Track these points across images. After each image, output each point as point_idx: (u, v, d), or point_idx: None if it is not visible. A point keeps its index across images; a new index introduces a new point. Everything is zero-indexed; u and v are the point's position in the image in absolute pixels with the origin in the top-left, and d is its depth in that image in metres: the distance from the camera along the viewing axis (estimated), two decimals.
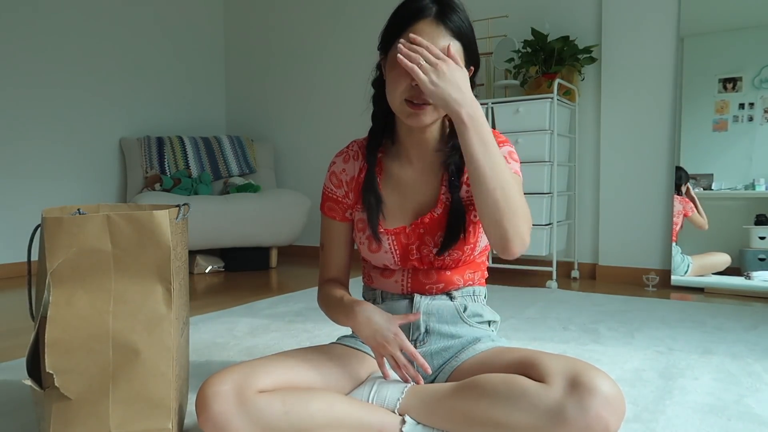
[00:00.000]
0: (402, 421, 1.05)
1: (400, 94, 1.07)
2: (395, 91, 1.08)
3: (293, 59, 4.27)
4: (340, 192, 1.22)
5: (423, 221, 1.16)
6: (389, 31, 1.11)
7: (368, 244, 1.19)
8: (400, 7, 1.09)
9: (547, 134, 2.83)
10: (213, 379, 0.98)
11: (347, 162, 1.23)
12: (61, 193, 3.52)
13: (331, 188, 1.23)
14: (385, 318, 1.08)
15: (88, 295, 0.95)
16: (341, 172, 1.23)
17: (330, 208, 1.24)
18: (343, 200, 1.22)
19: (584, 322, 2.11)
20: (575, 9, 3.13)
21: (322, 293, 1.24)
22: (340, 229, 1.24)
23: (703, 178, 2.81)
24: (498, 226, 1.00)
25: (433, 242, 1.16)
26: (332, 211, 1.24)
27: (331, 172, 1.24)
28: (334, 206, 1.23)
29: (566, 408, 0.90)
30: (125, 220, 0.96)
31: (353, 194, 1.22)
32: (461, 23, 1.07)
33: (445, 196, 1.16)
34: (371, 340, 1.07)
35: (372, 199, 1.16)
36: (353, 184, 1.22)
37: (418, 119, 1.08)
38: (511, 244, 1.00)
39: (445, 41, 1.05)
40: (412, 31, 1.06)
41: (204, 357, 1.70)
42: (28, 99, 3.37)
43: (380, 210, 1.16)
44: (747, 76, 2.71)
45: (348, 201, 1.22)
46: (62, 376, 0.92)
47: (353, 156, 1.23)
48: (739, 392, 1.38)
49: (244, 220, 3.38)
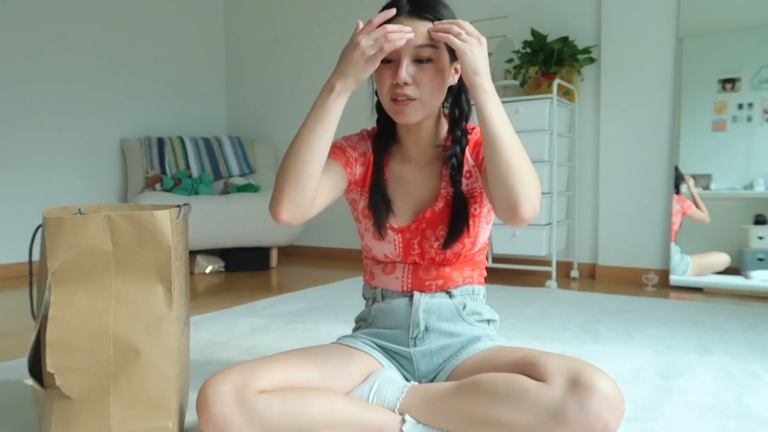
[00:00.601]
0: (402, 420, 1.05)
1: (386, 94, 1.10)
2: (382, 92, 1.12)
3: (293, 59, 4.27)
4: (351, 152, 1.21)
5: (425, 216, 1.18)
6: None
7: (373, 231, 1.20)
8: (382, 8, 1.11)
9: (546, 134, 2.84)
10: (213, 380, 0.98)
11: (360, 140, 1.25)
12: (62, 194, 3.53)
13: (343, 144, 1.22)
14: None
15: (89, 295, 0.95)
16: (355, 142, 1.24)
17: (334, 152, 1.19)
18: (350, 154, 1.21)
19: (584, 321, 2.11)
20: (575, 9, 3.13)
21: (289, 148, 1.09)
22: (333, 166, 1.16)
23: (702, 178, 2.82)
24: (511, 189, 0.99)
25: (435, 236, 1.17)
26: (335, 154, 1.19)
27: (345, 137, 1.25)
28: (338, 152, 1.20)
29: (566, 407, 0.91)
30: (126, 220, 0.97)
31: (362, 169, 1.22)
32: (439, 12, 1.08)
33: (445, 190, 1.18)
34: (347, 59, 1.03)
35: (379, 198, 1.18)
36: (363, 159, 1.23)
37: (405, 116, 1.10)
38: (522, 207, 0.98)
39: (425, 34, 1.06)
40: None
41: (204, 357, 1.70)
42: (29, 99, 3.37)
43: (389, 210, 1.18)
44: (746, 76, 2.71)
45: (354, 157, 1.21)
46: (63, 376, 0.92)
47: (363, 138, 1.26)
48: (738, 392, 1.38)
49: (244, 220, 3.38)
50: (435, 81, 1.09)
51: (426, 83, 1.08)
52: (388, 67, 1.09)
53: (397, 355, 1.21)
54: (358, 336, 1.25)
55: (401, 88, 1.07)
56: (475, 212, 1.18)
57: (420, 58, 1.07)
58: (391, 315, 1.21)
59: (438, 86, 1.10)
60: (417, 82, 1.08)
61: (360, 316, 1.31)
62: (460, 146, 1.17)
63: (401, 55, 1.07)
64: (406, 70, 1.06)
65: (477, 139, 1.20)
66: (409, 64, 1.07)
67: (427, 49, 1.07)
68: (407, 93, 1.07)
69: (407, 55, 1.07)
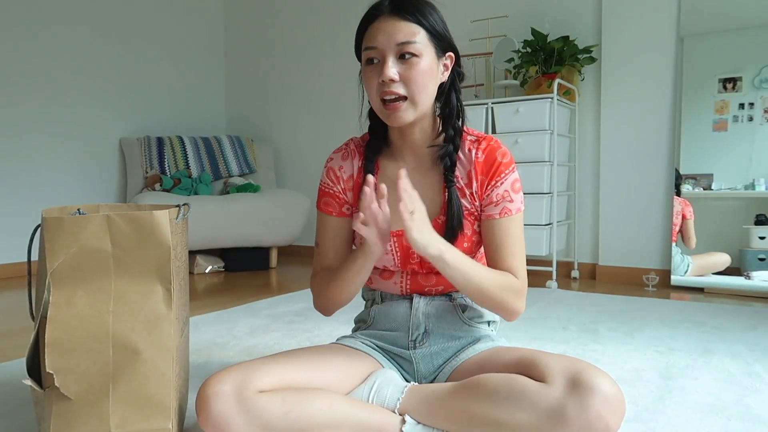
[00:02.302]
0: (402, 420, 1.05)
1: (376, 95, 1.09)
2: (371, 95, 1.10)
3: (293, 59, 4.27)
4: (338, 187, 1.21)
5: None
6: (356, 38, 1.13)
7: None
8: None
9: (547, 134, 2.83)
10: (213, 379, 0.98)
11: (345, 159, 1.22)
12: (61, 193, 3.52)
13: (328, 183, 1.22)
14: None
15: (88, 295, 0.95)
16: (339, 168, 1.22)
17: (326, 203, 1.23)
18: (340, 195, 1.21)
19: (584, 322, 2.11)
20: (575, 9, 3.13)
21: (319, 276, 1.21)
22: (336, 225, 1.22)
23: (703, 178, 2.81)
24: (494, 310, 1.13)
25: None
26: (329, 206, 1.22)
27: (328, 168, 1.23)
28: (330, 201, 1.22)
29: (567, 407, 0.90)
30: (125, 220, 0.96)
31: (352, 193, 1.21)
32: (420, 11, 1.07)
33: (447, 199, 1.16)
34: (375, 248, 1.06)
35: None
36: (351, 183, 1.21)
37: (397, 117, 1.08)
38: (506, 318, 1.13)
39: (407, 30, 1.05)
40: (371, 31, 1.08)
41: (204, 357, 1.70)
42: (28, 99, 3.37)
43: None
44: (747, 76, 2.71)
45: (345, 198, 1.22)
46: (62, 376, 0.92)
47: (351, 154, 1.23)
48: (739, 392, 1.38)
49: (244, 220, 3.38)
50: (423, 76, 1.07)
51: (413, 79, 1.06)
52: (373, 68, 1.08)
53: (396, 357, 1.20)
54: (357, 336, 1.24)
55: (388, 86, 1.06)
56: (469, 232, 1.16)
57: (404, 53, 1.06)
58: (391, 317, 1.21)
59: (427, 82, 1.08)
60: (404, 79, 1.06)
61: (359, 317, 1.30)
62: (454, 145, 1.15)
63: (385, 54, 1.06)
64: (391, 68, 1.05)
65: (484, 159, 1.15)
66: (394, 62, 1.06)
67: (410, 45, 1.05)
68: (396, 91, 1.06)
69: (391, 53, 1.06)
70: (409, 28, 1.06)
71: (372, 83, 1.08)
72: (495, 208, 1.14)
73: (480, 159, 1.15)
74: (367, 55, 1.09)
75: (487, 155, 1.15)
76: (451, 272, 1.04)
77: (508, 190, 1.14)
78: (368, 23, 1.09)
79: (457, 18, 3.24)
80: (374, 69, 1.08)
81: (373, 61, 1.08)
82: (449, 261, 1.03)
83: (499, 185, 1.14)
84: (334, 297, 1.16)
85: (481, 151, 1.15)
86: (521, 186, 1.17)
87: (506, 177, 1.14)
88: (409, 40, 1.05)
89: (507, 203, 1.14)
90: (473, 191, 1.16)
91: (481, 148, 1.16)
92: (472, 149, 1.16)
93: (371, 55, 1.08)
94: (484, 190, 1.15)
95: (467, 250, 1.17)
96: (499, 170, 1.14)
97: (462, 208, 1.15)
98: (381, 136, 1.21)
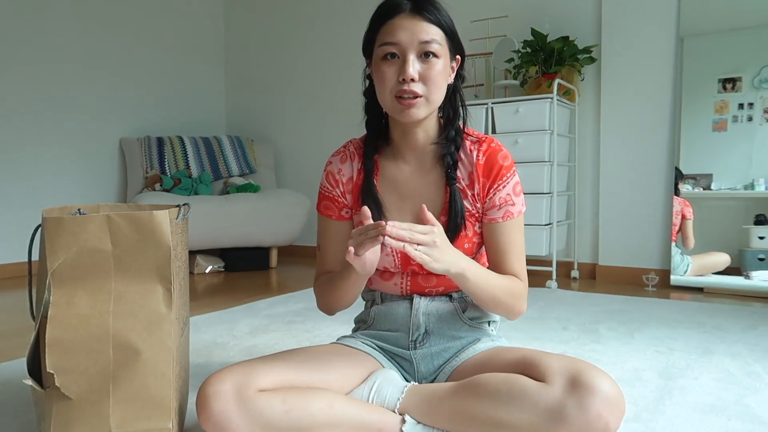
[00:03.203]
0: (402, 420, 1.05)
1: (390, 92, 1.08)
2: (384, 91, 1.08)
3: (293, 59, 4.27)
4: (337, 191, 1.22)
5: None
6: (370, 32, 1.12)
7: None
8: (377, 7, 1.10)
9: (546, 134, 2.83)
10: (213, 378, 0.98)
11: (344, 162, 1.22)
12: (62, 193, 3.52)
13: (328, 187, 1.23)
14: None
15: (89, 295, 0.95)
16: (338, 171, 1.22)
17: (326, 207, 1.23)
18: (339, 199, 1.22)
19: (584, 322, 2.11)
20: (575, 9, 3.13)
21: (320, 281, 1.23)
22: (337, 228, 1.23)
23: (703, 178, 2.81)
24: (502, 313, 1.16)
25: None
26: (329, 209, 1.23)
27: (328, 172, 1.23)
28: (330, 205, 1.23)
29: (566, 407, 0.90)
30: (125, 220, 0.96)
31: (351, 196, 1.21)
32: (439, 13, 1.08)
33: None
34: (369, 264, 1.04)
35: (371, 203, 1.15)
36: (350, 185, 1.21)
37: (411, 113, 1.07)
38: (509, 318, 1.17)
39: (430, 30, 1.06)
40: (390, 26, 1.07)
41: (204, 357, 1.70)
42: (28, 99, 3.37)
43: (381, 214, 1.16)
44: (746, 76, 2.71)
45: (345, 201, 1.22)
46: (63, 376, 0.92)
47: (350, 156, 1.22)
48: (739, 392, 1.38)
49: (244, 220, 3.38)
50: (440, 77, 1.07)
51: (432, 78, 1.06)
52: (391, 63, 1.07)
53: (397, 357, 1.20)
54: (358, 336, 1.24)
55: (408, 85, 1.05)
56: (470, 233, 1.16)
57: (426, 52, 1.06)
58: (391, 318, 1.21)
59: (442, 82, 1.08)
60: (423, 78, 1.06)
61: (359, 317, 1.30)
62: (455, 145, 1.15)
63: (406, 51, 1.05)
64: (413, 66, 1.05)
65: (485, 162, 1.15)
66: (415, 60, 1.06)
67: (432, 45, 1.05)
68: (415, 90, 1.05)
69: (413, 51, 1.05)
70: (432, 28, 1.06)
71: (388, 78, 1.07)
72: (497, 212, 1.14)
73: (481, 161, 1.15)
74: (387, 50, 1.07)
75: (488, 158, 1.15)
76: (469, 285, 1.05)
77: (510, 194, 1.14)
78: (386, 18, 1.08)
79: (457, 18, 3.18)
80: (392, 64, 1.06)
81: (391, 57, 1.07)
82: (470, 277, 1.04)
83: (501, 189, 1.14)
84: (333, 303, 1.19)
85: (482, 153, 1.16)
86: (522, 188, 1.18)
87: (508, 180, 1.14)
88: (432, 39, 1.05)
89: (509, 207, 1.14)
90: (475, 193, 1.16)
91: (482, 150, 1.16)
92: (472, 150, 1.16)
93: (391, 50, 1.06)
94: (486, 193, 1.15)
95: (468, 250, 1.17)
96: (500, 174, 1.14)
97: (464, 207, 1.15)
98: (378, 133, 1.20)
